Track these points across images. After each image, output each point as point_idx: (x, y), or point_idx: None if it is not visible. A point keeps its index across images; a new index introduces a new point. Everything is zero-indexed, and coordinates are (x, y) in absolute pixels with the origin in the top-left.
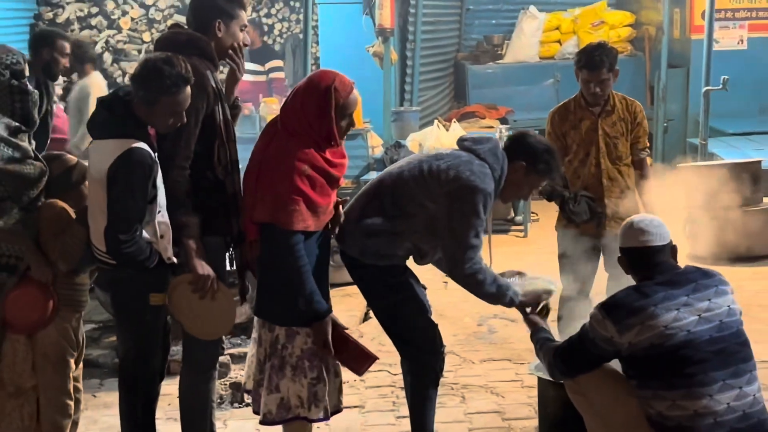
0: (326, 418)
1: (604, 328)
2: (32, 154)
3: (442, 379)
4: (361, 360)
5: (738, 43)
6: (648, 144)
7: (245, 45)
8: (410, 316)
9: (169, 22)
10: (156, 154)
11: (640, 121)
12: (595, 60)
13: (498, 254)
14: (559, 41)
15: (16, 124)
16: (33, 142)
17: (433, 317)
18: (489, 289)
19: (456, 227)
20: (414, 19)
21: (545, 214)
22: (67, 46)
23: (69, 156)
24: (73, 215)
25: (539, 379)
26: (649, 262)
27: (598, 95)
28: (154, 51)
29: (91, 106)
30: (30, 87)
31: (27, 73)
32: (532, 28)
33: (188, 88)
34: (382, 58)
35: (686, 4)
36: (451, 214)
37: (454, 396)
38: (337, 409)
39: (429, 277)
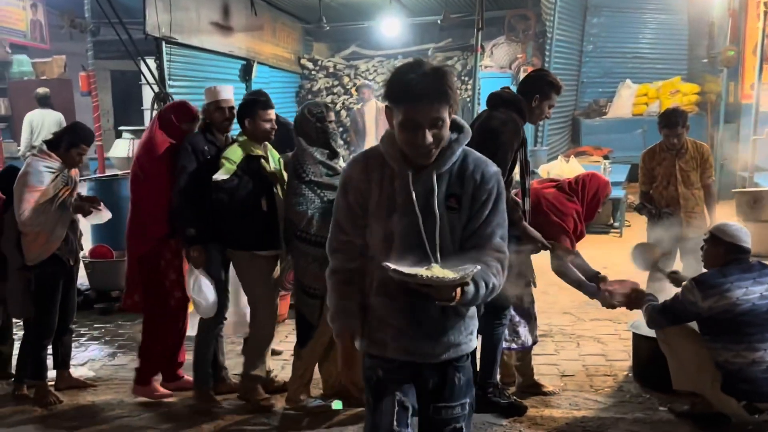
0: None
1: (692, 295)
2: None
3: (562, 330)
4: None
5: None
6: (713, 174)
7: (547, 117)
8: None
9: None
10: None
11: (707, 158)
12: (672, 121)
13: (601, 248)
14: (646, 104)
15: (327, 151)
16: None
17: (557, 289)
18: None
19: None
20: None
21: (635, 221)
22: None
23: None
24: None
25: (634, 333)
26: (738, 256)
27: (676, 144)
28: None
29: None
30: (329, 126)
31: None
32: (628, 94)
33: None
34: None
35: (738, 79)
36: None
37: (570, 342)
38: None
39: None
